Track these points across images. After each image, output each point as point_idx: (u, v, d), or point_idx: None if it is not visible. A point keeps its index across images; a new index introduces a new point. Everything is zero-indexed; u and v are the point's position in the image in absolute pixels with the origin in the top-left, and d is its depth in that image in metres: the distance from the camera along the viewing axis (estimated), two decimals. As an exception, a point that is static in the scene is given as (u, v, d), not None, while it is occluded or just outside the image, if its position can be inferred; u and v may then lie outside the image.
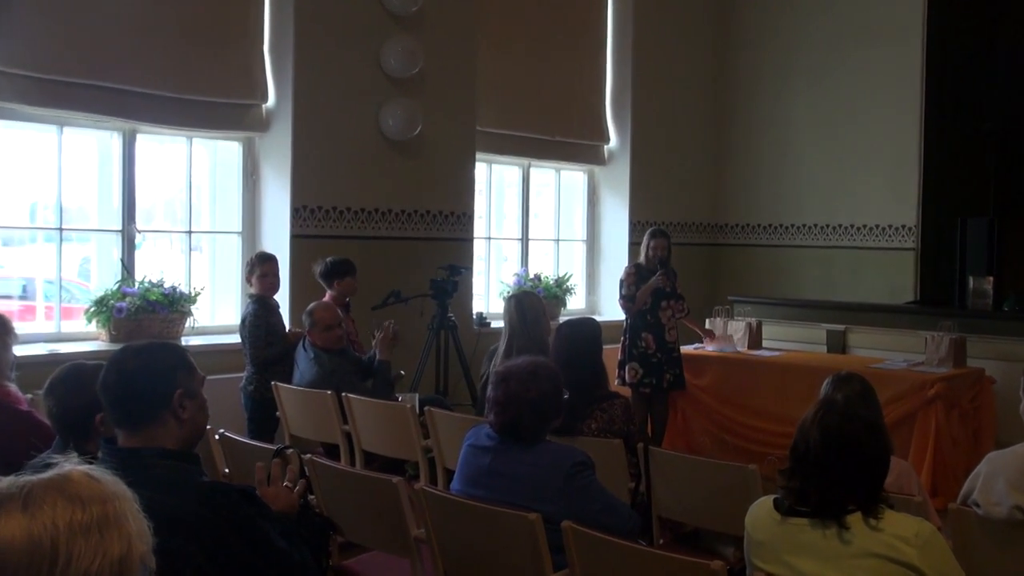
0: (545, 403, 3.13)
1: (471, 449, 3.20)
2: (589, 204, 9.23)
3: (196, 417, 2.29)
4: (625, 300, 6.77)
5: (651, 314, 6.77)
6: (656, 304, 6.78)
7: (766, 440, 6.37)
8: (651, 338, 6.73)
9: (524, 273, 8.40)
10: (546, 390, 3.14)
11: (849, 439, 2.47)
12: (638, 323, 6.77)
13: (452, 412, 5.07)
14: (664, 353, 6.73)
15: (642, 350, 6.73)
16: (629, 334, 6.80)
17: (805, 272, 9.42)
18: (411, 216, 7.27)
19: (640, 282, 6.77)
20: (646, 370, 6.72)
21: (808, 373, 6.42)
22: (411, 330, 7.06)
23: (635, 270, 6.83)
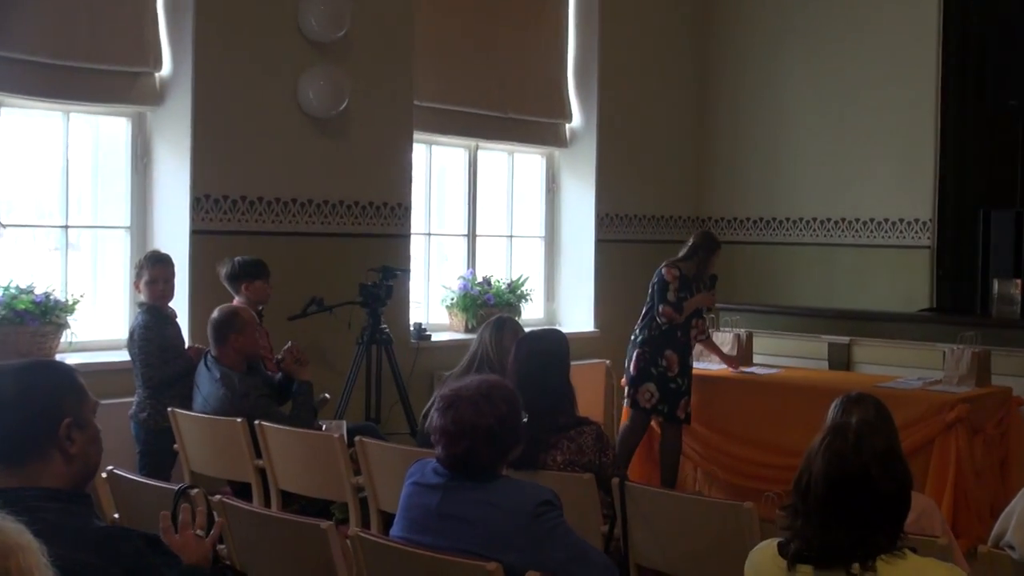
0: (502, 431, 3.12)
1: (415, 488, 3.19)
2: (548, 194, 9.26)
3: (87, 451, 2.27)
4: (672, 308, 6.70)
5: (682, 331, 6.78)
6: (688, 320, 6.80)
7: (761, 474, 6.42)
8: (675, 359, 6.73)
9: (471, 276, 8.41)
10: (503, 415, 3.13)
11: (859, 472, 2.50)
12: (664, 338, 6.74)
13: (388, 443, 5.05)
14: (685, 378, 6.77)
15: (662, 371, 6.73)
16: (649, 348, 6.76)
17: (802, 275, 9.53)
18: (336, 208, 7.25)
19: (683, 290, 6.75)
20: (662, 395, 6.72)
21: (807, 394, 6.49)
22: (336, 345, 7.03)
23: (678, 273, 6.78)
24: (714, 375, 7.12)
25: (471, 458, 3.09)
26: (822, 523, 2.49)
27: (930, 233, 8.91)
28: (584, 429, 4.33)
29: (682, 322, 6.74)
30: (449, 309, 8.36)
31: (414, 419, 6.76)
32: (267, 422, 5.10)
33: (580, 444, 4.27)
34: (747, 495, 4.94)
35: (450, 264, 8.61)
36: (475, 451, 3.08)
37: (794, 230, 9.61)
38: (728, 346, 7.42)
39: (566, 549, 3.06)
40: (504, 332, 5.09)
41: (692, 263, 6.83)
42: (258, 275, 6.08)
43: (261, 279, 6.09)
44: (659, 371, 6.72)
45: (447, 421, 3.12)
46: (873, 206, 9.15)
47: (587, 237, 9.11)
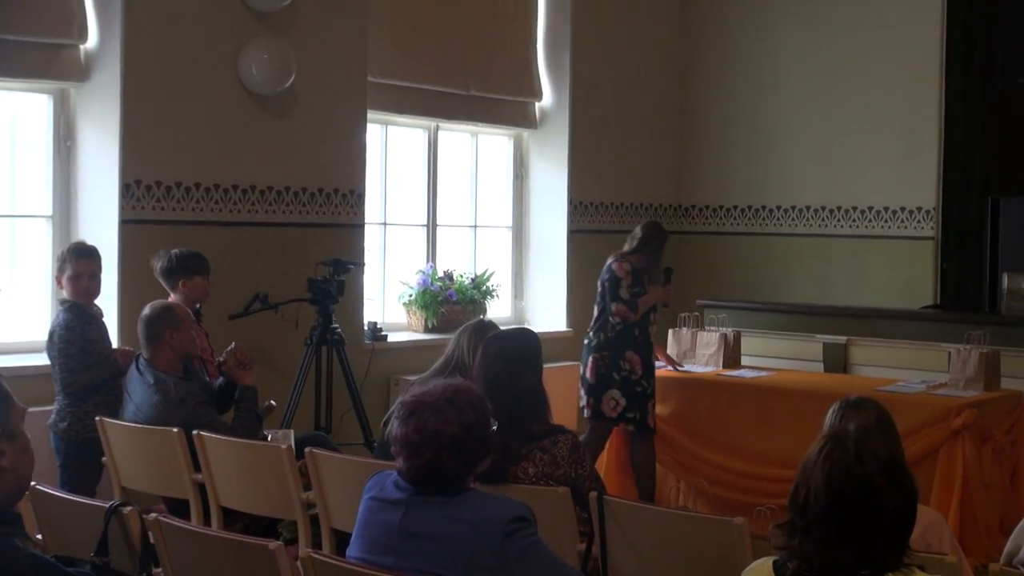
0: (470, 440, 3.12)
1: (374, 503, 3.18)
2: (516, 179, 9.26)
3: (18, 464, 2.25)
4: (626, 306, 6.74)
5: (640, 329, 6.79)
6: (646, 317, 6.82)
7: (752, 487, 6.44)
8: (637, 360, 6.75)
9: (431, 271, 8.40)
10: (470, 422, 3.13)
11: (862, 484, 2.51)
12: (622, 339, 6.76)
13: (341, 454, 5.04)
14: (651, 380, 6.79)
15: (625, 375, 6.75)
16: (608, 352, 6.77)
17: (795, 268, 9.58)
18: (281, 196, 7.22)
19: (636, 285, 6.77)
20: (629, 401, 6.74)
21: (801, 399, 6.52)
22: (283, 346, 7.01)
23: (629, 267, 6.79)
24: (698, 378, 7.15)
25: (436, 470, 3.08)
26: (822, 540, 2.50)
27: (934, 223, 8.97)
28: (559, 438, 4.32)
29: (639, 319, 6.77)
30: (407, 307, 8.35)
31: (369, 428, 6.75)
32: (206, 432, 5.07)
33: (554, 455, 4.27)
34: (737, 510, 4.96)
35: (408, 257, 8.59)
36: (440, 462, 3.08)
37: (786, 220, 9.66)
38: (714, 347, 7.45)
39: (541, 569, 3.06)
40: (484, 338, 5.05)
41: (642, 255, 6.85)
42: (197, 270, 6.05)
43: (201, 275, 6.06)
44: (622, 375, 6.74)
45: (409, 430, 3.11)
46: (872, 193, 9.21)
47: (559, 227, 9.12)
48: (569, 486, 4.22)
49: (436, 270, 8.46)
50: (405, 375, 7.50)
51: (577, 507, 4.23)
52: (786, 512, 2.61)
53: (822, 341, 7.83)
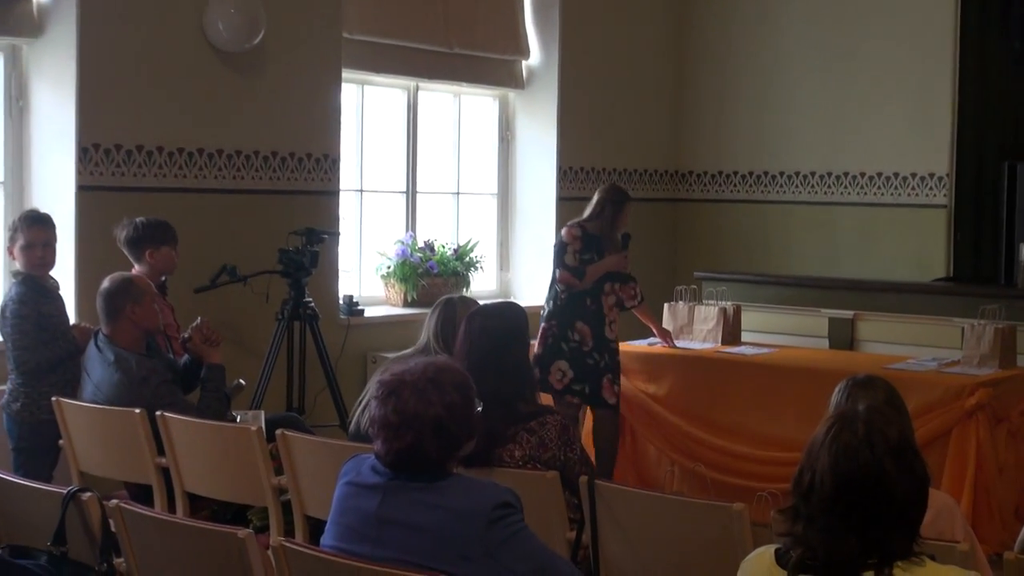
0: (453, 421, 3.12)
1: (350, 489, 3.18)
2: (501, 143, 9.25)
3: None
4: (570, 273, 6.80)
5: (592, 298, 6.84)
6: (599, 286, 6.85)
7: (752, 471, 6.47)
8: (587, 331, 6.80)
9: (411, 240, 8.39)
10: (454, 403, 3.13)
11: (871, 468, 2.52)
12: (572, 308, 6.83)
13: (314, 436, 5.04)
14: (606, 354, 6.82)
15: (574, 345, 6.81)
16: (556, 321, 6.86)
17: (798, 238, 9.59)
18: (250, 160, 7.20)
19: (586, 251, 6.82)
20: (578, 373, 6.80)
21: (805, 377, 6.53)
22: (252, 321, 7.01)
23: (580, 232, 6.86)
24: (695, 355, 7.16)
25: (416, 454, 3.08)
26: (828, 527, 2.51)
27: (946, 190, 8.99)
28: (547, 420, 4.33)
29: (590, 288, 6.79)
30: (385, 279, 8.34)
31: (344, 408, 6.75)
32: (171, 413, 5.06)
33: (542, 437, 4.28)
34: (736, 495, 4.96)
35: (386, 226, 8.58)
36: (421, 445, 3.07)
37: (789, 186, 9.66)
38: (712, 321, 7.46)
39: (528, 558, 3.06)
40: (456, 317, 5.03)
41: (599, 222, 6.89)
42: (165, 240, 6.03)
43: (168, 244, 6.04)
44: (571, 346, 6.79)
45: (388, 410, 3.11)
46: (881, 159, 9.21)
47: (547, 194, 9.12)
48: (558, 470, 4.23)
49: (416, 240, 8.45)
50: (383, 352, 7.50)
51: (566, 492, 4.23)
52: (789, 497, 2.62)
53: (827, 316, 7.84)
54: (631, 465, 7.14)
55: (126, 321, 5.36)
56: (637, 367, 7.09)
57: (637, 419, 7.11)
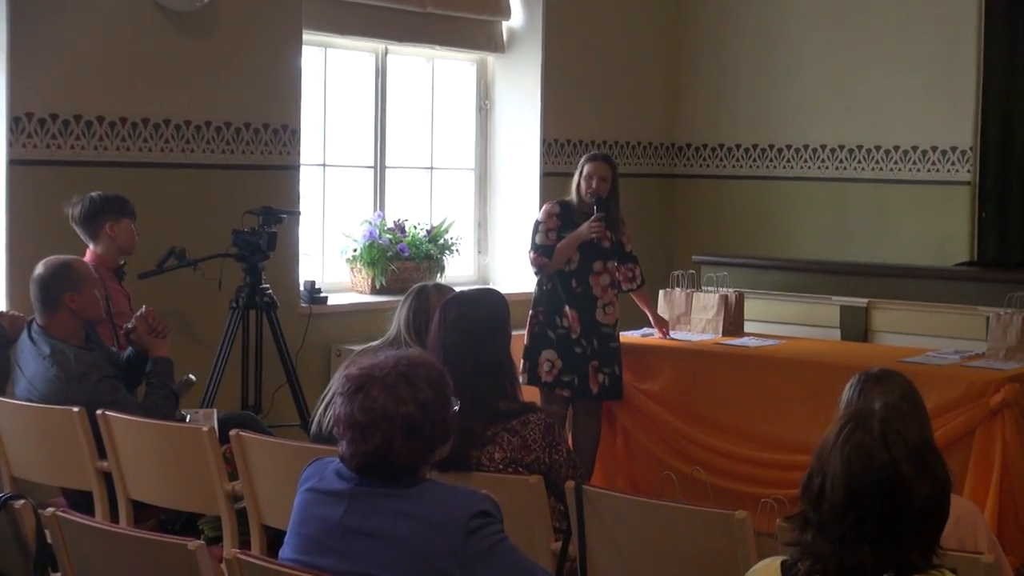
0: (426, 421, 3.12)
1: (312, 496, 3.18)
2: (479, 113, 9.24)
3: None
4: (538, 254, 6.83)
5: (578, 279, 6.84)
6: (587, 266, 6.85)
7: (756, 475, 6.48)
8: (575, 315, 6.81)
9: (379, 221, 8.37)
10: (427, 400, 3.13)
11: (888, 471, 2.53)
12: (557, 292, 6.85)
13: (272, 438, 5.03)
14: (595, 340, 6.82)
15: (562, 333, 6.81)
16: (543, 307, 6.87)
17: (807, 218, 9.59)
18: (201, 131, 7.19)
19: (565, 229, 6.82)
20: (567, 363, 6.81)
21: (815, 372, 6.53)
22: (203, 310, 6.99)
23: (558, 209, 6.88)
24: (693, 347, 7.16)
25: (386, 457, 3.08)
26: (840, 537, 2.52)
27: (971, 165, 9.00)
28: (529, 418, 4.33)
29: (575, 269, 6.81)
30: (351, 263, 8.33)
31: (306, 407, 6.75)
32: (113, 411, 5.05)
33: (524, 437, 4.28)
34: (739, 502, 4.99)
35: (352, 205, 8.57)
36: (391, 448, 3.07)
37: (797, 161, 9.66)
38: (712, 311, 7.45)
39: (509, 573, 3.06)
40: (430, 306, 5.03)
41: (578, 193, 6.90)
42: (125, 211, 6.07)
43: (127, 217, 6.07)
44: (559, 333, 6.82)
45: (354, 408, 3.11)
46: (899, 131, 9.21)
47: (530, 170, 9.12)
48: (542, 473, 4.23)
49: (385, 220, 8.44)
50: (348, 344, 7.49)
51: (551, 498, 4.24)
52: (797, 504, 2.63)
53: (839, 304, 7.86)
54: (623, 469, 7.15)
55: (64, 311, 5.34)
56: (629, 361, 7.08)
57: (629, 418, 7.11)
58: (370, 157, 8.63)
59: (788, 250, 9.29)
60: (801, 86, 9.58)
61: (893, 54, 9.18)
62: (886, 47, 9.21)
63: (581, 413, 6.97)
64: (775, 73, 9.68)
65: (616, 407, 7.05)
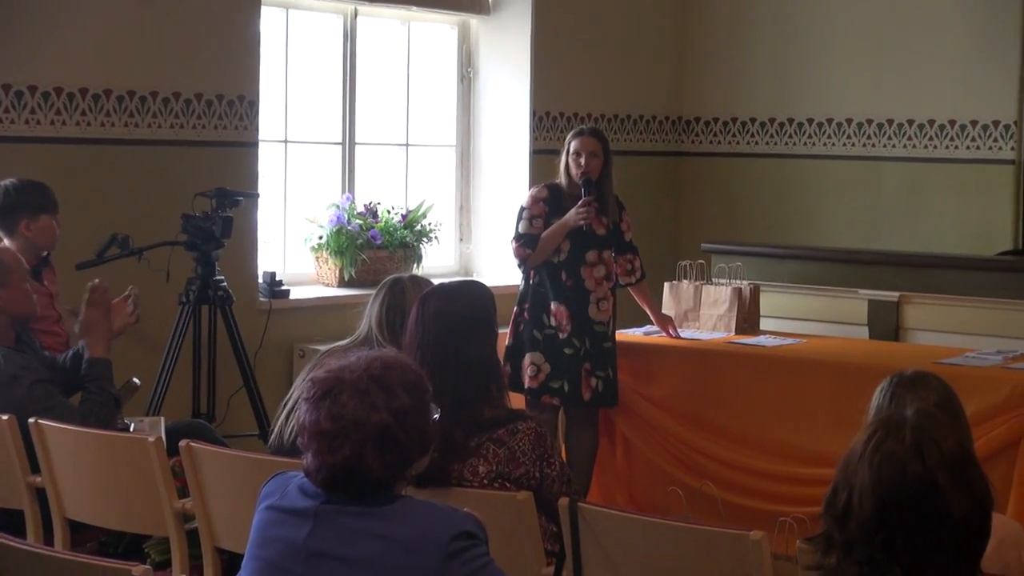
0: (402, 431, 3.10)
1: (273, 515, 3.17)
2: (461, 83, 9.24)
3: None
4: (520, 244, 6.83)
5: (569, 272, 6.83)
6: (579, 256, 6.85)
7: (772, 490, 6.49)
8: (564, 312, 6.81)
9: (348, 204, 8.36)
10: (404, 408, 3.11)
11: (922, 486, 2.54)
12: (544, 286, 6.84)
13: (227, 449, 5.03)
14: (588, 339, 6.82)
15: (549, 333, 6.81)
16: (529, 304, 6.86)
17: (831, 201, 9.60)
18: (147, 103, 7.19)
19: (553, 215, 6.83)
20: (555, 367, 6.79)
21: (840, 374, 6.54)
22: (150, 305, 6.95)
23: (546, 194, 6.88)
24: (703, 347, 7.16)
25: (356, 470, 3.07)
26: (869, 558, 2.53)
27: (1015, 141, 9.02)
28: (518, 427, 4.33)
29: (565, 260, 6.80)
30: (316, 252, 8.33)
31: (265, 414, 6.76)
32: (47, 420, 5.04)
33: (512, 449, 4.28)
34: (754, 521, 4.98)
35: (318, 187, 8.58)
36: (362, 460, 3.06)
37: (820, 137, 9.66)
38: (724, 306, 7.45)
39: (494, 602, 3.07)
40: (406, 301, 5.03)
41: (567, 173, 6.86)
42: (44, 207, 6.04)
43: (48, 212, 6.04)
44: (546, 333, 6.80)
45: (321, 416, 3.09)
46: (934, 103, 9.22)
47: (518, 147, 9.13)
48: (532, 490, 4.23)
49: (355, 204, 8.44)
50: (313, 344, 7.50)
51: (543, 517, 4.24)
52: (819, 523, 2.64)
53: (867, 298, 7.86)
54: (622, 484, 7.15)
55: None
56: (630, 363, 7.07)
57: (630, 427, 7.10)
58: (338, 132, 8.63)
59: (810, 237, 9.30)
60: (826, 52, 9.58)
61: (929, 17, 9.19)
62: (921, 9, 9.21)
63: (574, 423, 6.97)
64: (796, 37, 9.69)
65: (615, 415, 7.05)
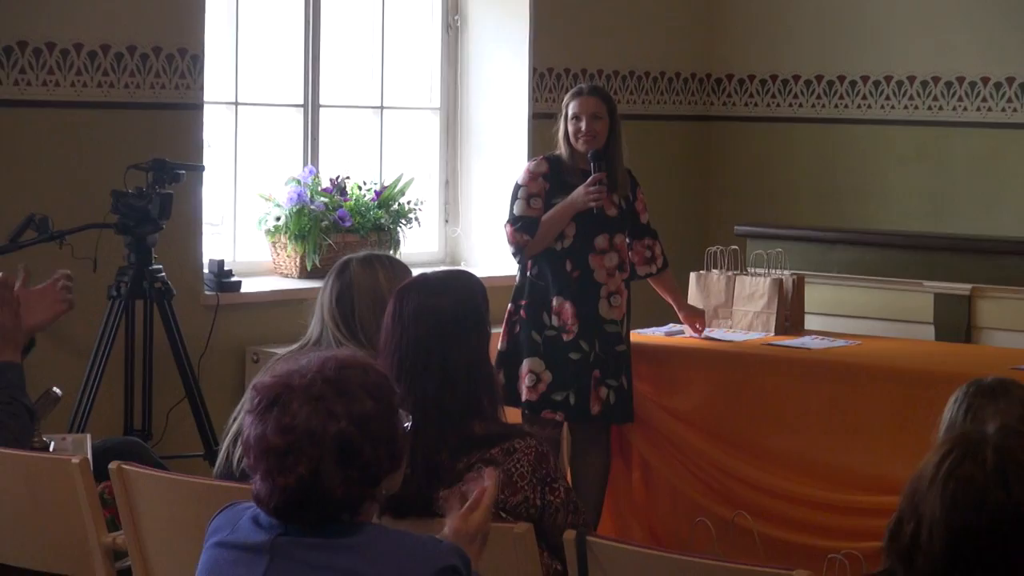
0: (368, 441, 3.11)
1: (223, 552, 3.19)
2: (447, 33, 9.25)
3: None
4: (515, 228, 6.83)
5: (575, 260, 6.84)
6: (587, 242, 6.85)
7: (820, 522, 6.51)
8: (569, 309, 6.81)
9: (311, 179, 8.36)
10: (366, 414, 3.11)
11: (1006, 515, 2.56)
12: (545, 279, 6.85)
13: (168, 473, 5.04)
14: (597, 341, 6.83)
15: (551, 335, 6.81)
16: (526, 300, 6.87)
17: (890, 176, 9.61)
18: (69, 58, 7.21)
19: (555, 194, 6.83)
20: (558, 375, 6.80)
21: (902, 382, 6.56)
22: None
23: (546, 168, 6.88)
24: (737, 350, 7.16)
25: (313, 493, 3.07)
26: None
27: (1111, 103, 9.06)
28: (515, 445, 4.32)
29: (570, 247, 6.81)
30: (272, 237, 8.34)
31: (212, 430, 6.79)
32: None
33: (509, 472, 4.26)
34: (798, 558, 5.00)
35: (274, 157, 8.61)
36: (319, 479, 3.06)
37: (875, 99, 9.67)
38: (762, 299, 7.44)
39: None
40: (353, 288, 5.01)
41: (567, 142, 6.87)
42: None
43: None
44: (547, 335, 6.81)
45: (268, 429, 3.09)
46: (1015, 57, 9.24)
47: (515, 110, 9.16)
48: (532, 520, 4.23)
49: (319, 178, 8.44)
50: (269, 346, 7.51)
51: (544, 553, 4.25)
52: (879, 560, 2.65)
53: (932, 291, 7.89)
54: (640, 513, 7.17)
55: None
56: (649, 369, 7.09)
57: (649, 446, 7.11)
58: (299, 93, 8.64)
59: (863, 219, 9.35)
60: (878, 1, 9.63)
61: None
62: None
63: (581, 441, 6.99)
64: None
65: (631, 432, 7.06)
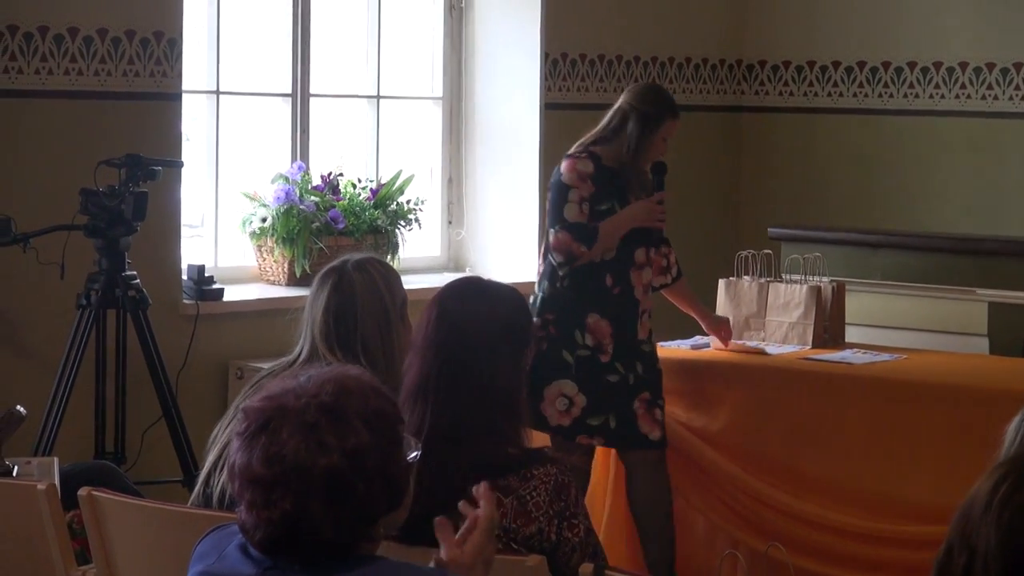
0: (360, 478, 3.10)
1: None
2: (450, 15, 9.27)
3: None
4: (572, 234, 6.76)
5: (616, 275, 6.83)
6: (628, 256, 6.85)
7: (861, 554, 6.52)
8: (606, 329, 6.80)
9: (300, 176, 8.37)
10: (361, 447, 3.09)
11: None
12: (578, 291, 6.83)
13: (143, 500, 5.06)
14: (639, 363, 6.84)
15: (585, 354, 6.80)
16: (555, 315, 6.83)
17: (939, 172, 9.61)
18: (33, 43, 7.23)
19: (603, 200, 6.79)
20: (593, 399, 6.79)
21: (951, 402, 6.57)
22: (38, 309, 7.04)
23: (592, 168, 6.80)
24: (769, 365, 7.16)
25: (299, 529, 3.08)
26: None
27: None
28: (533, 472, 4.31)
29: (612, 258, 6.81)
30: (258, 240, 8.34)
31: (192, 453, 6.78)
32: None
33: (524, 499, 4.27)
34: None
35: (260, 152, 8.63)
36: (306, 516, 3.06)
37: (923, 87, 9.68)
38: (798, 309, 7.45)
39: None
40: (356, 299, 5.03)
41: (616, 146, 6.84)
42: None
43: None
44: (580, 355, 6.79)
45: (254, 458, 3.08)
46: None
47: (526, 101, 9.18)
48: (545, 554, 4.22)
49: (309, 175, 8.46)
50: (254, 360, 7.51)
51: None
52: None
53: (987, 299, 7.88)
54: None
55: None
56: (674, 385, 7.08)
57: (677, 471, 7.10)
58: (287, 81, 8.66)
59: (911, 220, 9.34)
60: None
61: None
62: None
63: (639, 470, 6.94)
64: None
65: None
